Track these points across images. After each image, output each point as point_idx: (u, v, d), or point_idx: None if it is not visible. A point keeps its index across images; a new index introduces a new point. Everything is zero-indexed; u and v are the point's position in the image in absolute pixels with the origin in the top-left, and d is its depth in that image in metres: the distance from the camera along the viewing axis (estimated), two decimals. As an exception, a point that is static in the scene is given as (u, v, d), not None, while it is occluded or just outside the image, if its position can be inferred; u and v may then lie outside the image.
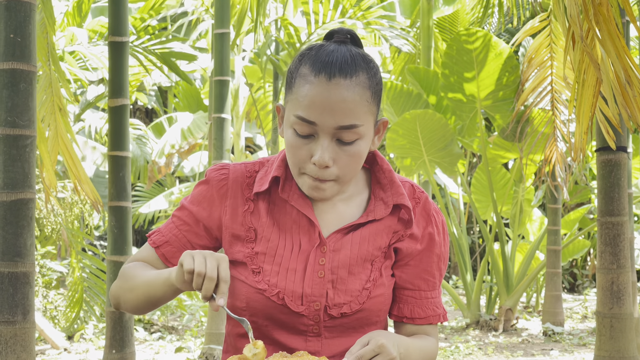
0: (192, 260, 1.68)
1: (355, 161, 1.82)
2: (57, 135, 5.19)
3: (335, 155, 1.80)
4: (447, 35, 10.80)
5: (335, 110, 1.76)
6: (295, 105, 1.79)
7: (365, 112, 1.79)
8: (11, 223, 3.63)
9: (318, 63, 1.79)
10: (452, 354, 8.10)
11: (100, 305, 8.07)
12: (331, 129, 1.77)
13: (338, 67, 1.77)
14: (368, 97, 1.80)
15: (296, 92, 1.80)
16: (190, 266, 1.68)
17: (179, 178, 15.83)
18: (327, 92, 1.76)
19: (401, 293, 1.95)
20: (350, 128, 1.78)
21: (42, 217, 8.56)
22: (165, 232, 1.96)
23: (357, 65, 1.80)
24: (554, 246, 9.66)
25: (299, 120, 1.79)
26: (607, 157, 5.15)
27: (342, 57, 1.80)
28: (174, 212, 1.98)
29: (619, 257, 5.14)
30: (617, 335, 5.13)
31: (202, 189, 1.95)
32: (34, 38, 3.75)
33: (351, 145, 1.80)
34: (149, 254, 1.96)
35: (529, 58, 8.27)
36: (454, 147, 9.16)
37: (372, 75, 1.82)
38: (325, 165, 1.79)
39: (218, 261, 1.68)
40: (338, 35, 1.87)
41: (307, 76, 1.79)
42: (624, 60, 3.18)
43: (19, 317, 3.60)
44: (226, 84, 6.98)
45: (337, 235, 1.89)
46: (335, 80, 1.76)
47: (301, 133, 1.80)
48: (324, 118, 1.77)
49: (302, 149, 1.81)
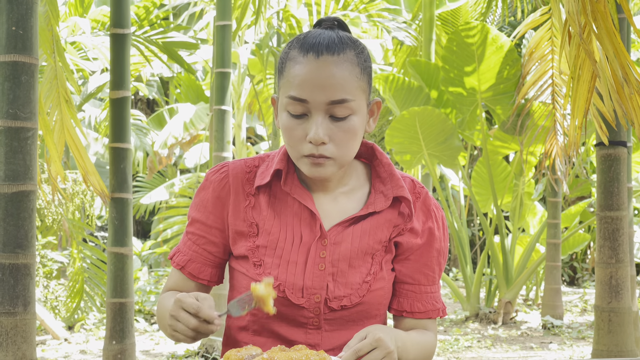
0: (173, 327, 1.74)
1: (350, 138, 1.84)
2: (63, 126, 5.21)
3: (330, 131, 1.82)
4: (450, 29, 10.79)
5: (325, 86, 1.79)
6: (286, 87, 1.83)
7: (356, 87, 1.82)
8: (12, 215, 3.65)
9: (306, 45, 1.83)
10: (452, 346, 8.12)
11: (101, 295, 8.10)
12: (323, 104, 1.80)
13: (325, 45, 1.82)
14: (357, 73, 1.83)
15: (287, 74, 1.84)
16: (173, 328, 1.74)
17: (180, 169, 15.84)
18: (316, 69, 1.80)
19: (401, 287, 1.97)
20: (341, 102, 1.80)
21: (43, 207, 8.58)
22: (185, 250, 1.98)
23: (344, 44, 1.84)
24: (554, 239, 9.68)
25: (291, 100, 1.82)
26: (606, 152, 5.16)
27: (329, 37, 1.84)
28: (187, 228, 1.99)
29: (618, 251, 5.15)
30: (616, 329, 5.15)
31: (205, 194, 1.96)
32: (35, 31, 3.76)
33: (345, 120, 1.82)
34: (177, 277, 1.99)
35: (530, 51, 8.27)
36: (454, 141, 9.16)
37: (359, 52, 1.86)
38: (320, 142, 1.81)
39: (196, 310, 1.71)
40: (325, 22, 1.92)
41: (296, 58, 1.83)
42: (621, 57, 3.19)
43: (19, 309, 3.62)
44: (227, 76, 6.98)
45: (338, 228, 1.91)
46: (323, 58, 1.80)
47: (294, 113, 1.83)
48: (315, 94, 1.79)
49: (297, 130, 1.83)
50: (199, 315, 1.70)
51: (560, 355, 7.75)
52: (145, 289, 10.12)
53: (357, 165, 2.00)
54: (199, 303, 1.70)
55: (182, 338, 1.73)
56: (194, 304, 1.70)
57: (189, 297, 1.71)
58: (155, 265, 13.85)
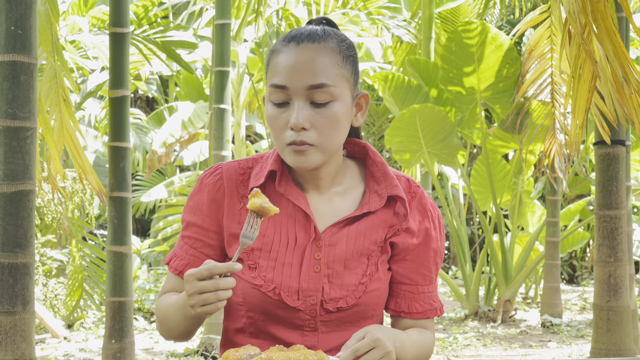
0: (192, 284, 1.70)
1: (332, 125, 1.82)
2: (62, 125, 5.21)
3: (311, 118, 1.81)
4: (449, 27, 10.79)
5: (303, 71, 1.80)
6: (269, 77, 1.84)
7: (336, 74, 1.82)
8: (11, 214, 3.65)
9: (289, 36, 1.85)
10: (451, 344, 8.13)
11: (100, 294, 8.10)
12: (302, 89, 1.80)
13: (306, 35, 1.83)
14: (338, 60, 1.83)
15: (270, 66, 1.85)
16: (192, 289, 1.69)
17: (179, 167, 15.84)
18: (295, 56, 1.81)
19: (398, 287, 1.97)
20: (320, 87, 1.80)
21: (42, 206, 8.58)
22: (182, 255, 1.96)
23: (326, 34, 1.85)
24: (553, 238, 9.68)
25: (273, 89, 1.82)
26: (605, 151, 5.16)
27: (312, 28, 1.86)
28: (182, 232, 1.97)
29: (617, 250, 5.16)
30: (614, 328, 5.15)
31: (200, 197, 1.95)
32: (35, 30, 3.76)
33: (325, 107, 1.81)
34: (174, 282, 1.97)
35: (529, 50, 8.27)
36: (453, 139, 9.17)
37: (342, 41, 1.86)
38: (300, 127, 1.80)
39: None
40: (314, 21, 1.95)
41: (279, 49, 1.85)
42: (621, 57, 3.20)
43: (18, 308, 3.63)
44: (226, 74, 6.99)
45: (332, 229, 1.90)
46: (303, 45, 1.82)
47: (276, 101, 1.83)
48: (293, 80, 1.80)
49: (280, 119, 1.83)
50: (215, 274, 1.67)
51: (559, 353, 7.76)
52: (145, 288, 10.12)
53: (350, 164, 1.99)
54: (207, 265, 1.68)
55: (213, 308, 1.68)
56: (203, 269, 1.67)
57: (195, 269, 1.68)
58: (154, 264, 13.86)
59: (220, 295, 1.67)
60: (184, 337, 1.91)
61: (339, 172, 1.95)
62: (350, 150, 2.02)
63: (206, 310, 1.68)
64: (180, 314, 1.83)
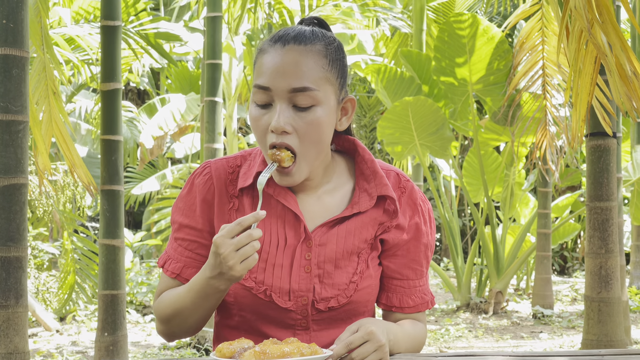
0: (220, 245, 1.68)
1: (314, 130, 1.79)
2: (51, 119, 5.19)
3: (293, 121, 1.78)
4: (441, 19, 10.79)
5: (287, 73, 1.77)
6: (254, 77, 1.82)
7: (321, 78, 1.79)
8: (4, 208, 3.64)
9: (276, 36, 1.83)
10: (442, 336, 8.16)
11: (92, 287, 8.10)
12: (285, 92, 1.77)
13: (293, 36, 1.80)
14: (324, 63, 1.80)
15: (256, 65, 1.83)
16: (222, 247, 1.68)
17: (171, 159, 15.82)
18: (280, 57, 1.79)
19: (390, 282, 1.96)
20: (303, 91, 1.77)
21: (34, 199, 8.57)
22: (176, 257, 1.93)
23: (315, 36, 1.82)
24: (544, 229, 9.71)
25: (256, 89, 1.80)
26: (596, 143, 5.18)
27: (300, 29, 1.83)
28: (174, 234, 1.94)
29: (608, 241, 5.17)
30: (605, 319, 5.17)
31: (191, 198, 1.92)
32: (26, 24, 3.75)
33: (308, 111, 1.78)
34: (171, 284, 1.93)
35: (520, 42, 8.28)
36: (445, 131, 9.18)
37: (329, 44, 1.83)
38: (281, 130, 1.77)
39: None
40: (306, 21, 1.91)
41: (265, 49, 1.82)
42: (628, 51, 3.21)
43: (11, 302, 3.62)
44: (218, 67, 6.97)
45: (322, 229, 1.88)
46: (289, 46, 1.79)
47: (259, 102, 1.81)
48: (276, 81, 1.77)
49: (262, 120, 1.80)
50: (245, 226, 1.66)
51: (551, 344, 7.79)
52: (137, 280, 10.12)
53: (339, 160, 1.97)
54: (236, 221, 1.67)
55: (252, 261, 1.67)
56: (235, 225, 1.66)
57: (223, 231, 1.67)
58: (146, 256, 13.85)
59: (255, 246, 1.66)
60: (199, 325, 1.87)
61: (328, 168, 1.93)
62: (339, 144, 2.00)
63: (247, 265, 1.67)
64: (200, 296, 1.78)
